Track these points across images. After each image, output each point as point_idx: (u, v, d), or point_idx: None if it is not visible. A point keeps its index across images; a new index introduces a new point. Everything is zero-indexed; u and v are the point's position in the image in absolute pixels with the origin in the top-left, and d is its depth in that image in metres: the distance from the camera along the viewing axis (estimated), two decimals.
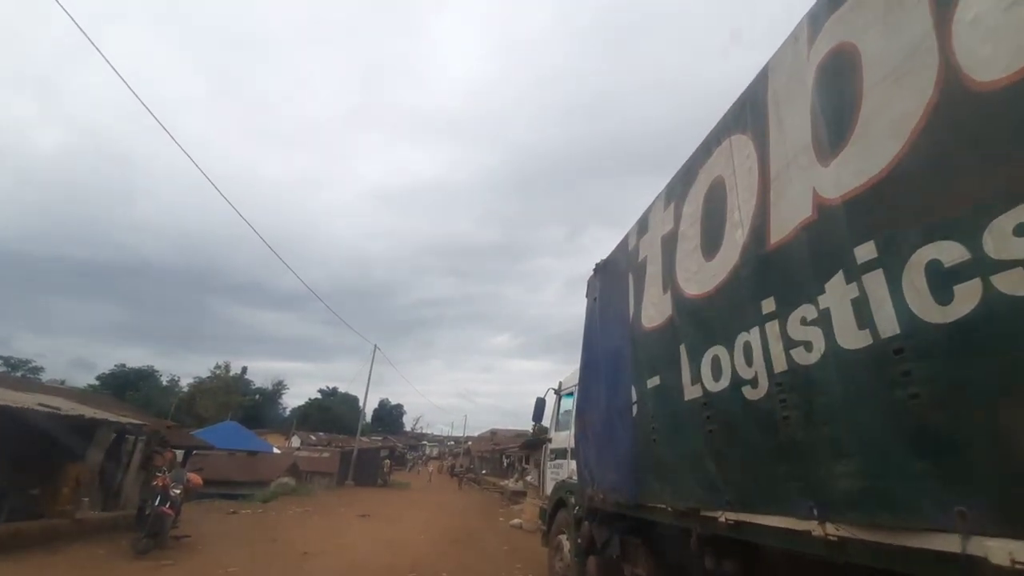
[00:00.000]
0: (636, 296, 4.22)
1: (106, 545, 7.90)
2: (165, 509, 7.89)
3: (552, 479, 7.12)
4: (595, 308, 5.28)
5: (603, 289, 5.13)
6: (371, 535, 11.14)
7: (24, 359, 50.21)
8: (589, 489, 4.83)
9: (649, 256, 4.08)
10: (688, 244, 3.41)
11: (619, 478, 4.22)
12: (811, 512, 2.16)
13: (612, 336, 4.70)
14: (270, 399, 74.42)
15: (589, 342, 5.38)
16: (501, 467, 46.02)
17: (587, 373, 5.32)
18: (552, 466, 7.31)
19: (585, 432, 5.09)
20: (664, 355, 3.57)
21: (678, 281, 3.49)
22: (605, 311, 4.99)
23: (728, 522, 2.78)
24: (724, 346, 2.85)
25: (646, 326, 3.94)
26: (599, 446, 4.70)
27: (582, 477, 5.10)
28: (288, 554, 8.60)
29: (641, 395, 3.91)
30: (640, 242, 4.32)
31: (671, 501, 3.37)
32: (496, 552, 10.09)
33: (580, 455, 5.15)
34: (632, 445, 3.97)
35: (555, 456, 7.21)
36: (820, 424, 2.15)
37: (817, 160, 2.27)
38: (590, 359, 5.29)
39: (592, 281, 5.58)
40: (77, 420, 8.77)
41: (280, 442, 46.85)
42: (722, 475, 2.86)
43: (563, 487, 6.28)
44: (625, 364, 4.27)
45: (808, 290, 2.23)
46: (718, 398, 2.88)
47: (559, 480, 6.66)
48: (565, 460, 6.72)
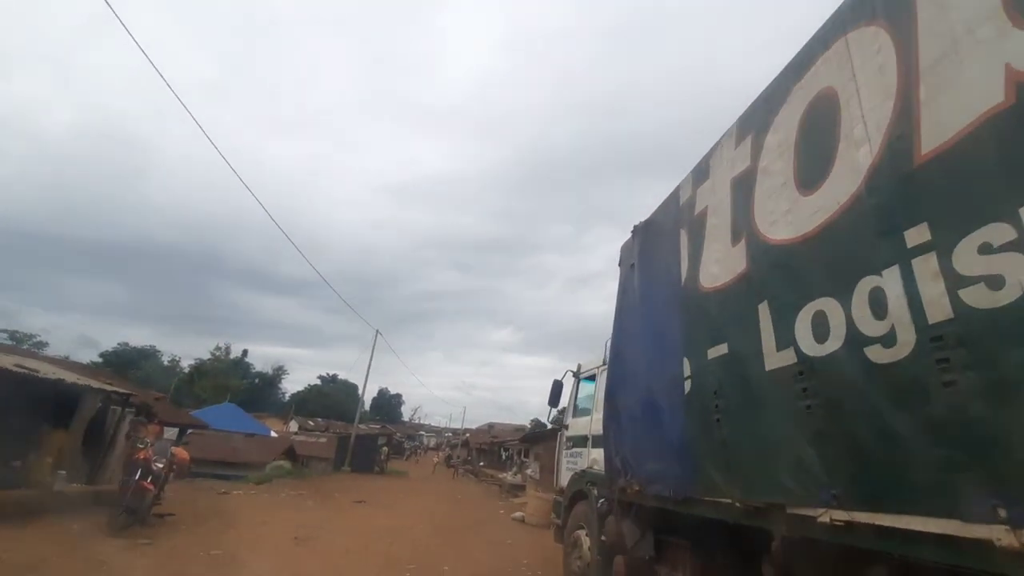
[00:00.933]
0: (691, 255, 3.59)
1: (83, 520, 7.33)
2: (145, 484, 7.30)
3: (569, 469, 6.50)
4: (632, 276, 4.65)
5: (643, 253, 4.50)
6: (367, 522, 10.58)
7: (29, 333, 50.05)
8: (621, 480, 4.21)
9: (711, 206, 3.44)
10: (774, 180, 2.77)
11: (664, 467, 3.60)
12: (995, 514, 1.53)
13: (655, 304, 4.07)
14: (270, 383, 74.34)
15: (623, 314, 4.75)
16: (499, 460, 45.61)
17: (620, 349, 4.70)
18: (569, 455, 6.68)
19: (617, 416, 4.47)
20: (734, 319, 2.95)
21: (757, 227, 2.85)
22: (646, 277, 4.36)
23: (834, 523, 2.15)
24: (834, 297, 2.22)
25: (706, 287, 3.31)
26: (636, 431, 4.08)
27: (611, 466, 4.48)
28: (278, 538, 8.03)
29: (698, 369, 3.28)
30: (697, 192, 3.68)
31: (742, 495, 2.74)
32: (499, 545, 9.51)
33: (610, 441, 4.53)
34: (684, 428, 3.35)
35: (572, 444, 6.59)
36: (1015, 389, 1.52)
37: (1013, 23, 1.63)
38: (624, 333, 4.67)
39: (628, 246, 4.95)
40: (56, 385, 8.20)
41: (278, 426, 46.63)
42: (824, 463, 2.23)
43: (583, 478, 5.66)
44: (673, 334, 3.65)
45: (996, 203, 1.59)
46: (822, 364, 2.25)
47: (577, 470, 6.04)
48: (584, 448, 6.10)
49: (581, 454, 6.18)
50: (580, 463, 6.12)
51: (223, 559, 6.34)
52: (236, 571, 6.00)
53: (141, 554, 6.18)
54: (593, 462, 5.67)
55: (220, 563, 6.16)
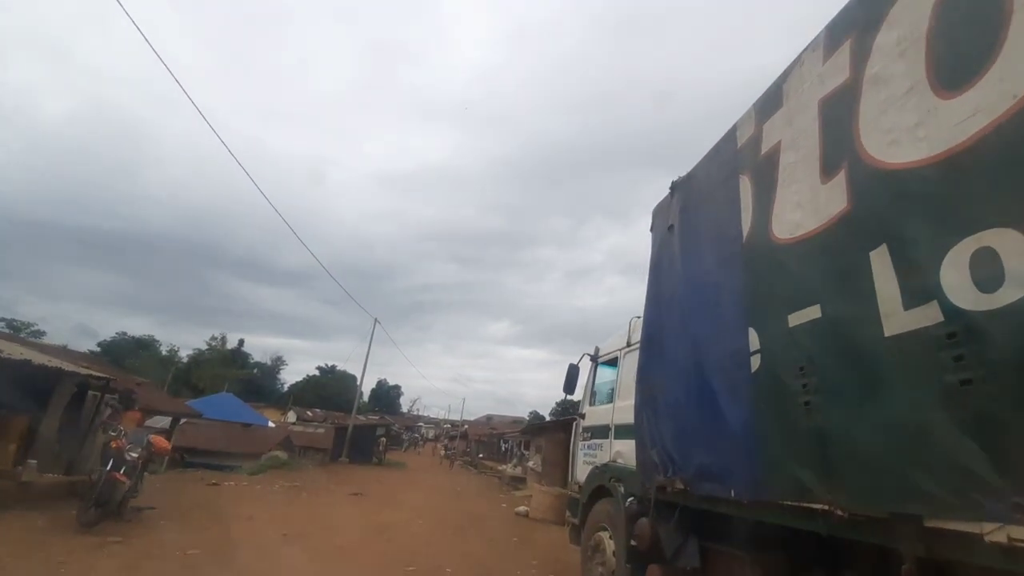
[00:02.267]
0: (758, 203, 2.93)
1: (50, 514, 6.70)
2: (117, 475, 6.65)
3: (587, 462, 5.85)
4: (669, 240, 3.99)
5: (687, 211, 3.83)
6: (363, 517, 9.97)
7: (27, 322, 49.42)
8: (659, 476, 3.57)
9: (787, 140, 2.77)
10: (893, 88, 2.10)
11: (720, 462, 2.95)
12: None
13: (704, 268, 3.41)
14: (268, 374, 73.77)
15: (659, 285, 4.09)
16: (498, 452, 45.20)
17: (656, 325, 4.04)
18: (586, 447, 6.04)
19: (653, 402, 3.82)
20: (829, 273, 2.30)
21: (865, 152, 2.19)
22: (691, 238, 3.70)
23: (1014, 543, 1.51)
24: (1012, 226, 1.56)
25: (782, 239, 2.65)
26: (680, 419, 3.43)
27: (646, 460, 3.84)
28: (265, 535, 7.41)
29: (771, 340, 2.63)
30: (764, 127, 3.01)
31: (847, 501, 2.09)
32: (504, 542, 8.90)
33: (644, 432, 3.88)
34: (751, 415, 2.70)
35: (591, 435, 5.94)
36: None
37: None
38: (661, 306, 4.01)
39: (663, 207, 4.28)
40: (25, 368, 7.54)
41: (276, 416, 46.15)
42: (993, 459, 1.58)
43: (605, 472, 5.02)
44: (733, 301, 2.99)
45: None
46: (991, 322, 1.59)
47: (597, 464, 5.40)
48: (605, 439, 5.45)
49: (601, 446, 5.53)
50: (600, 456, 5.48)
51: (200, 560, 5.70)
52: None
53: (108, 554, 5.54)
54: (617, 455, 5.03)
55: (196, 565, 5.52)
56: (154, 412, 19.91)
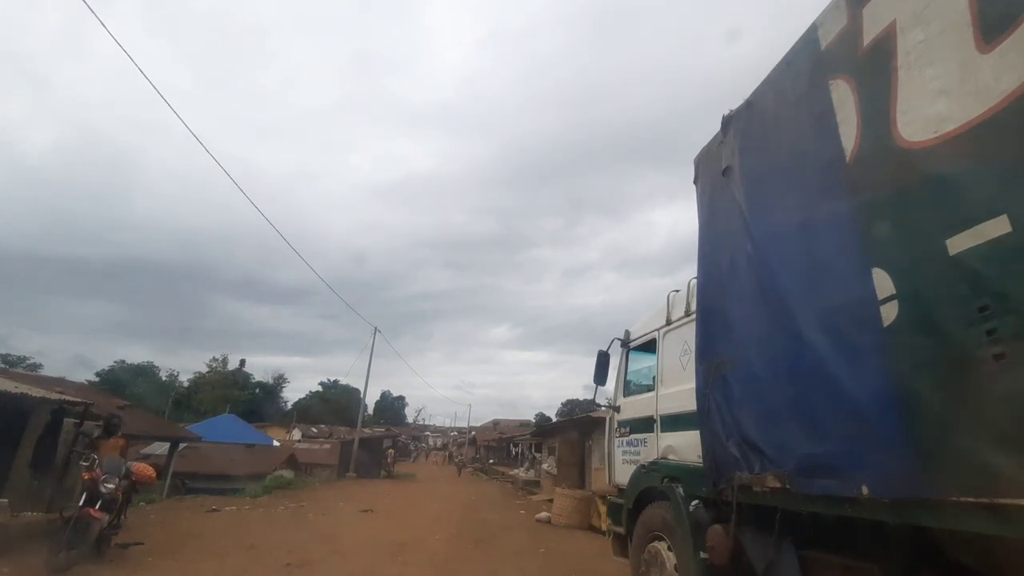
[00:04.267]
0: (869, 106, 2.23)
1: (17, 559, 5.91)
2: (92, 512, 5.88)
3: (627, 461, 5.13)
4: (726, 185, 3.29)
5: (751, 144, 3.13)
6: (375, 536, 9.21)
7: (22, 356, 48.58)
8: (741, 473, 2.86)
9: (906, 16, 2.08)
10: None
11: (839, 449, 2.24)
12: None
13: (787, 206, 2.72)
14: (271, 393, 72.84)
15: (717, 242, 3.40)
16: (509, 456, 44.37)
17: (717, 290, 3.35)
18: (624, 444, 5.30)
19: (722, 383, 3.11)
20: (1012, 173, 1.62)
21: None
22: (760, 176, 3.00)
23: None
24: None
25: (919, 141, 1.96)
26: (766, 399, 2.72)
27: (717, 454, 3.13)
28: (266, 566, 6.65)
29: (915, 278, 1.94)
30: (866, 11, 2.31)
31: None
32: (531, 555, 8.14)
33: (713, 420, 3.17)
34: (886, 383, 2.00)
35: (629, 429, 5.21)
36: None
37: None
38: (721, 267, 3.31)
39: (710, 151, 3.59)
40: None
41: (281, 435, 45.35)
42: None
43: (655, 471, 4.31)
44: (839, 238, 2.29)
45: None
46: None
47: (643, 462, 4.69)
48: (649, 433, 4.73)
49: (645, 441, 4.81)
50: (645, 453, 4.76)
51: None
52: None
53: None
54: (667, 450, 4.31)
55: None
56: (149, 438, 19.19)
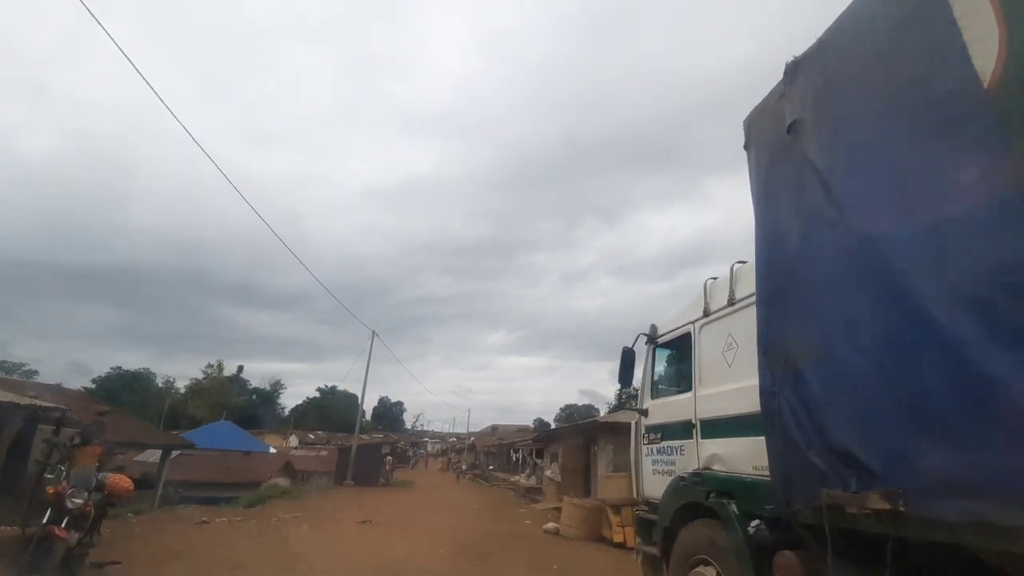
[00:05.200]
0: (1013, 16, 1.71)
1: None
2: (56, 530, 5.30)
3: (659, 472, 4.56)
4: (795, 144, 2.75)
5: (831, 85, 2.58)
6: (373, 550, 8.61)
7: (18, 363, 47.98)
8: (830, 490, 2.30)
9: None
10: None
11: (992, 463, 1.69)
12: None
13: (888, 154, 2.18)
14: (268, 399, 72.13)
15: (783, 212, 2.85)
16: (509, 462, 43.64)
17: (784, 268, 2.80)
18: (655, 451, 4.72)
19: (799, 379, 2.56)
20: None
21: None
22: (844, 124, 2.46)
23: None
24: None
25: None
26: (867, 397, 2.17)
27: (794, 466, 2.57)
28: None
29: None
30: None
31: None
32: (545, 572, 7.56)
33: (786, 423, 2.61)
34: None
35: (661, 435, 4.64)
36: None
37: None
38: (789, 240, 2.77)
39: (770, 105, 3.06)
40: None
41: (278, 442, 44.69)
42: None
43: (698, 484, 3.73)
44: (981, 183, 1.76)
45: None
46: None
47: (680, 472, 4.11)
48: (687, 440, 4.15)
49: (681, 449, 4.25)
50: (682, 462, 4.19)
51: None
52: None
53: None
54: (712, 460, 3.74)
55: None
56: (135, 445, 18.53)
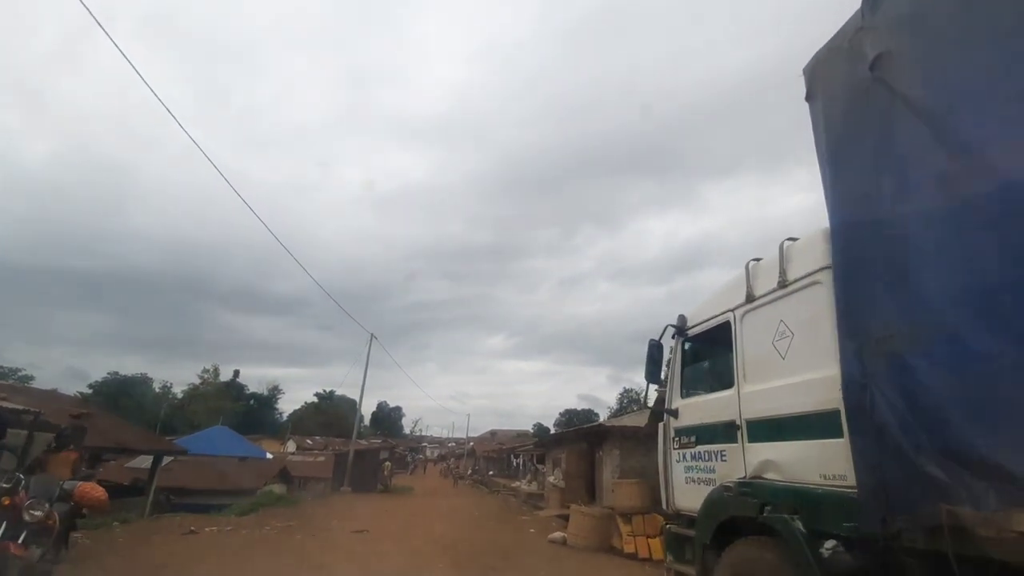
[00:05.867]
0: None
1: None
2: (12, 546, 4.70)
3: (692, 479, 4.02)
4: (880, 81, 2.25)
5: (920, 18, 2.09)
6: (369, 564, 8.07)
7: (14, 368, 47.29)
8: (951, 505, 1.79)
9: None
10: None
11: None
12: None
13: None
14: (266, 404, 71.44)
15: (865, 170, 2.36)
16: (509, 467, 43.00)
17: (866, 236, 2.32)
18: (688, 457, 4.16)
19: (899, 364, 2.04)
20: None
21: None
22: (960, 47, 1.96)
23: None
24: None
25: None
26: (1014, 383, 1.66)
27: (890, 473, 2.05)
28: None
29: None
30: None
31: None
32: None
33: (883, 419, 2.09)
34: None
35: (695, 439, 4.10)
36: None
37: None
38: (872, 203, 2.27)
39: (848, 39, 2.57)
40: None
41: (275, 447, 44.02)
42: None
43: (750, 494, 3.20)
44: None
45: None
46: None
47: (720, 480, 3.58)
48: (729, 444, 3.61)
49: (722, 454, 3.71)
50: (723, 469, 3.65)
51: None
52: None
53: None
54: (763, 467, 3.21)
55: None
56: (129, 451, 17.95)
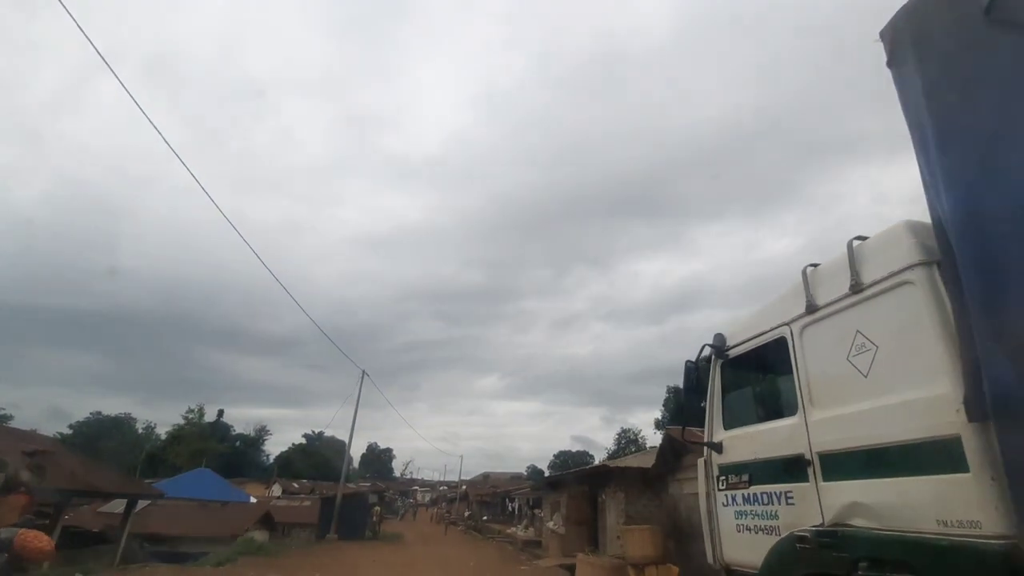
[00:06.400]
0: None
1: None
2: None
3: (746, 527, 3.36)
4: (1000, 23, 1.81)
5: None
6: None
7: None
8: None
9: None
10: None
11: None
12: None
13: None
14: (252, 446, 69.11)
15: (989, 122, 1.88)
16: (504, 512, 41.24)
17: (1017, 196, 1.80)
18: (739, 499, 3.49)
19: None
20: None
21: None
22: None
23: None
24: None
25: None
26: None
27: None
28: None
29: None
30: None
31: None
32: None
33: None
34: None
35: (749, 478, 3.43)
36: None
37: None
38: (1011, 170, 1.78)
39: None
40: None
41: (260, 491, 42.19)
42: None
43: (836, 545, 2.55)
44: None
45: None
46: None
47: (785, 528, 2.94)
48: (794, 483, 2.99)
49: (789, 496, 3.06)
50: (791, 515, 3.01)
51: None
52: None
53: None
54: (849, 511, 2.58)
55: None
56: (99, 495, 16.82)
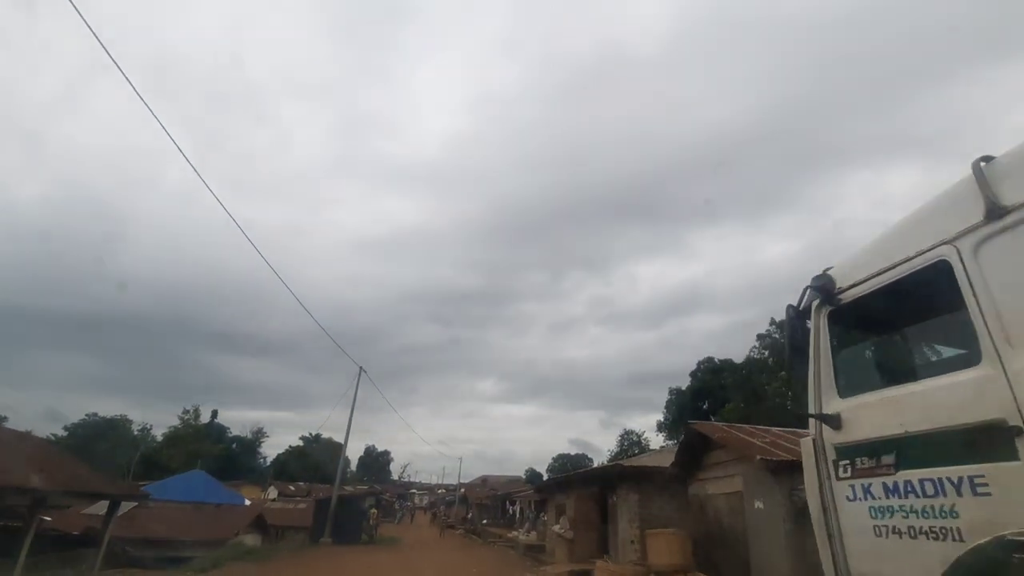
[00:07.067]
0: None
1: None
2: None
3: (891, 528, 2.38)
4: None
5: None
6: None
7: None
8: None
9: None
10: None
11: None
12: None
13: None
14: (248, 448, 68.14)
15: None
16: (504, 515, 40.32)
17: None
18: (884, 491, 2.50)
19: None
20: None
21: None
22: None
23: None
24: None
25: None
26: None
27: None
28: None
29: None
30: None
31: None
32: None
33: None
34: None
35: (894, 460, 2.45)
36: None
37: None
38: None
39: None
40: None
41: (255, 494, 41.36)
42: None
43: None
44: None
45: None
46: None
47: (991, 535, 1.99)
48: (1001, 463, 2.02)
49: (976, 484, 2.09)
50: (976, 513, 2.01)
51: None
52: None
53: None
54: None
55: None
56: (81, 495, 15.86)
